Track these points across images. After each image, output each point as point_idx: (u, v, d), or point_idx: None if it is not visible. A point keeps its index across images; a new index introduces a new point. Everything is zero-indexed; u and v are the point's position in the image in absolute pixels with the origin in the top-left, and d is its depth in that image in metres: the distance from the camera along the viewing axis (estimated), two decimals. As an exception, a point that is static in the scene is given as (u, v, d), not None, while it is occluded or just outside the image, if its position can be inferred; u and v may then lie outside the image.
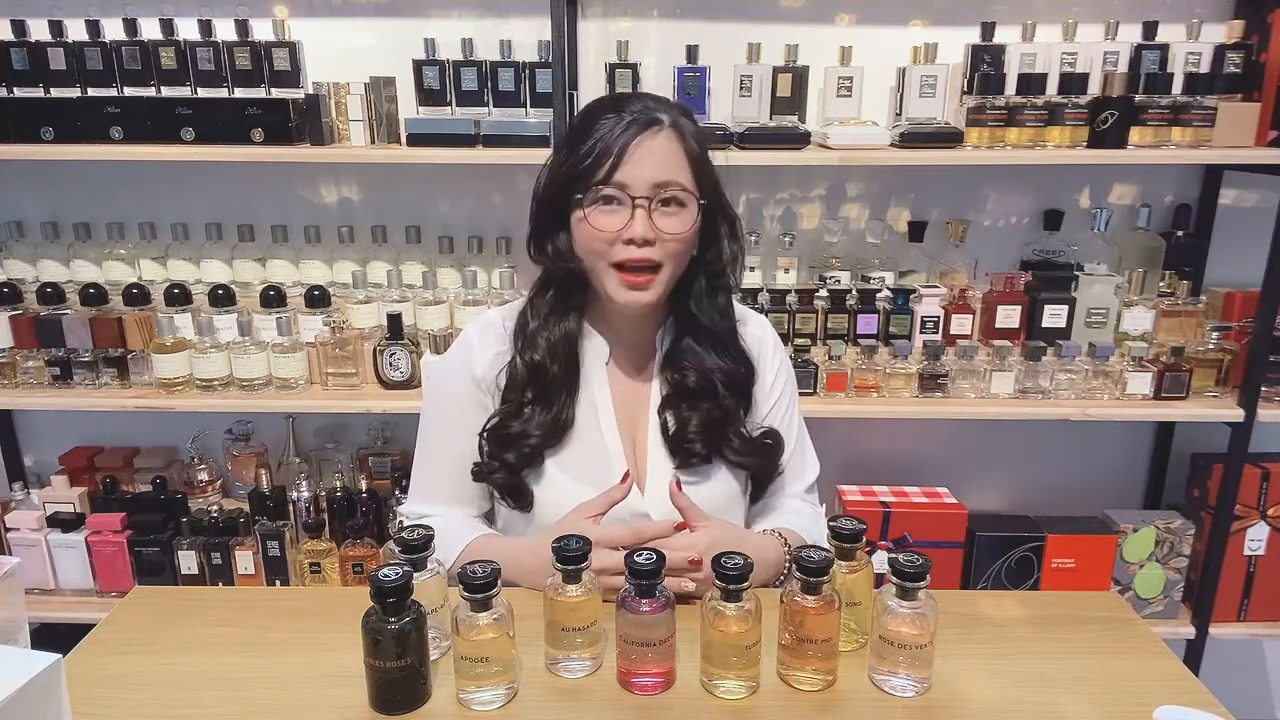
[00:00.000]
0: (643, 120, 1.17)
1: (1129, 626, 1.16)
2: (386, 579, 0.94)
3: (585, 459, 1.27)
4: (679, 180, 1.17)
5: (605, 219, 1.17)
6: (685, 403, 1.28)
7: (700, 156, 1.21)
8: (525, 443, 1.26)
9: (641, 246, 1.17)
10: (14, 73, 1.88)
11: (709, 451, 1.28)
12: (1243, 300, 2.00)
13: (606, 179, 1.16)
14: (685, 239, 1.19)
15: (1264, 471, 2.00)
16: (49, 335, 1.98)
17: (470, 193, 2.17)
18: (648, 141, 1.16)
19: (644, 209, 1.16)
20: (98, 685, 1.03)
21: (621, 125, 1.16)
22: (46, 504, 2.05)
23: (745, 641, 0.98)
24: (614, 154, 1.15)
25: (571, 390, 1.28)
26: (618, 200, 1.17)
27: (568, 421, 1.27)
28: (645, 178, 1.15)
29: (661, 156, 1.16)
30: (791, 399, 1.40)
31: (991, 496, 2.32)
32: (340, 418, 2.25)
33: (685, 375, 1.28)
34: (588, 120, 1.20)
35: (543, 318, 1.29)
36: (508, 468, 1.27)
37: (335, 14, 2.07)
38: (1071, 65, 1.88)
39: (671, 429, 1.28)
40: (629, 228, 1.16)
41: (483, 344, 1.32)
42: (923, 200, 2.15)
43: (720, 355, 1.30)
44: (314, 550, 1.97)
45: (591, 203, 1.18)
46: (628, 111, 1.17)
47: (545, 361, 1.26)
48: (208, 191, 2.15)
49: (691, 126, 1.22)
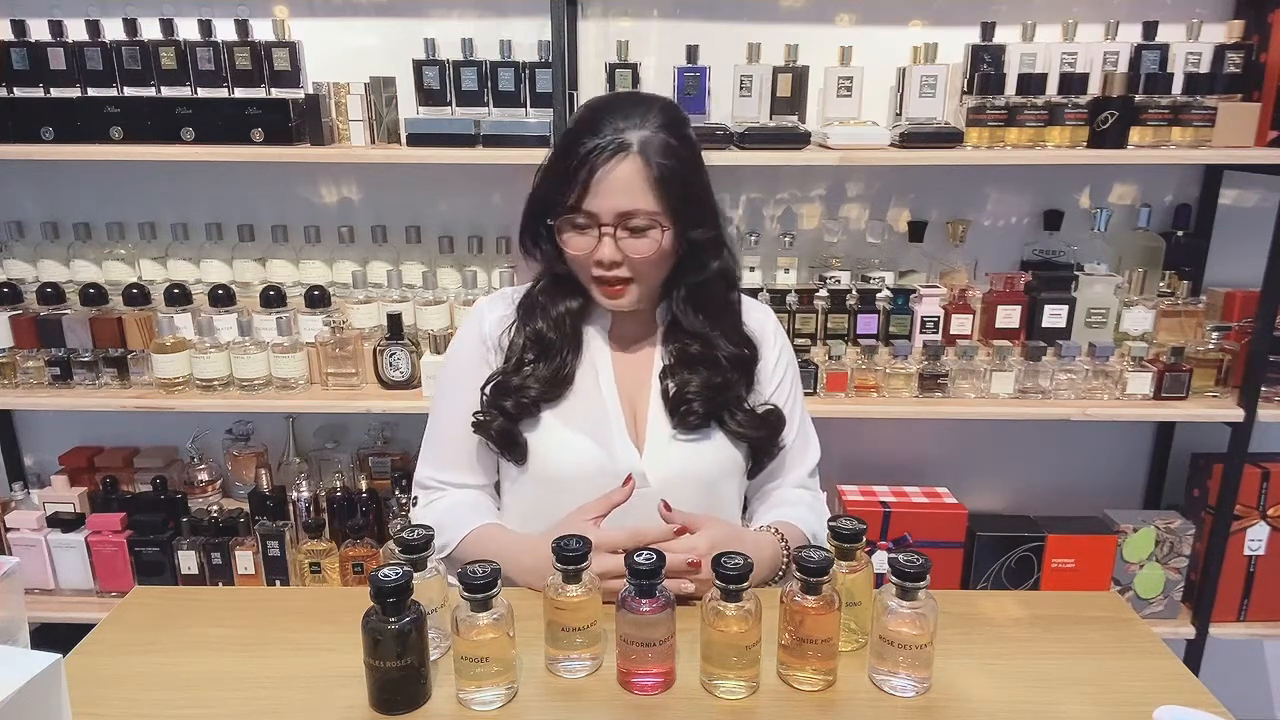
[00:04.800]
0: (611, 148, 1.18)
1: (1129, 626, 1.16)
2: (386, 579, 0.94)
3: (583, 412, 1.31)
4: (642, 208, 1.20)
5: (578, 241, 1.24)
6: (687, 369, 1.32)
7: (669, 176, 1.19)
8: (524, 394, 1.29)
9: (609, 268, 1.23)
10: (14, 73, 1.88)
11: (707, 413, 1.30)
12: (1243, 300, 1.99)
13: (576, 207, 1.21)
14: (652, 259, 1.23)
15: (1264, 471, 2.00)
16: (49, 335, 1.98)
17: (470, 193, 2.17)
18: (613, 171, 1.18)
19: (610, 235, 1.21)
20: (98, 685, 1.03)
21: (593, 152, 1.18)
22: (46, 504, 2.05)
23: (745, 641, 0.98)
24: (579, 184, 1.19)
25: (574, 351, 1.33)
26: (588, 226, 1.22)
27: (567, 377, 1.31)
28: (610, 206, 1.20)
29: (625, 186, 1.19)
30: (794, 382, 1.43)
31: (991, 496, 2.32)
32: (340, 418, 2.25)
33: (687, 346, 1.32)
34: (568, 143, 1.23)
35: (549, 295, 1.34)
36: (505, 415, 1.30)
37: (335, 14, 2.07)
38: (1071, 65, 1.88)
39: (672, 391, 1.31)
40: (597, 251, 1.22)
41: (491, 308, 1.39)
42: (923, 200, 2.15)
43: (722, 339, 1.33)
44: (314, 550, 1.97)
45: (565, 227, 1.24)
46: (600, 135, 1.19)
47: (546, 329, 1.32)
48: (208, 191, 2.15)
49: (664, 141, 1.20)
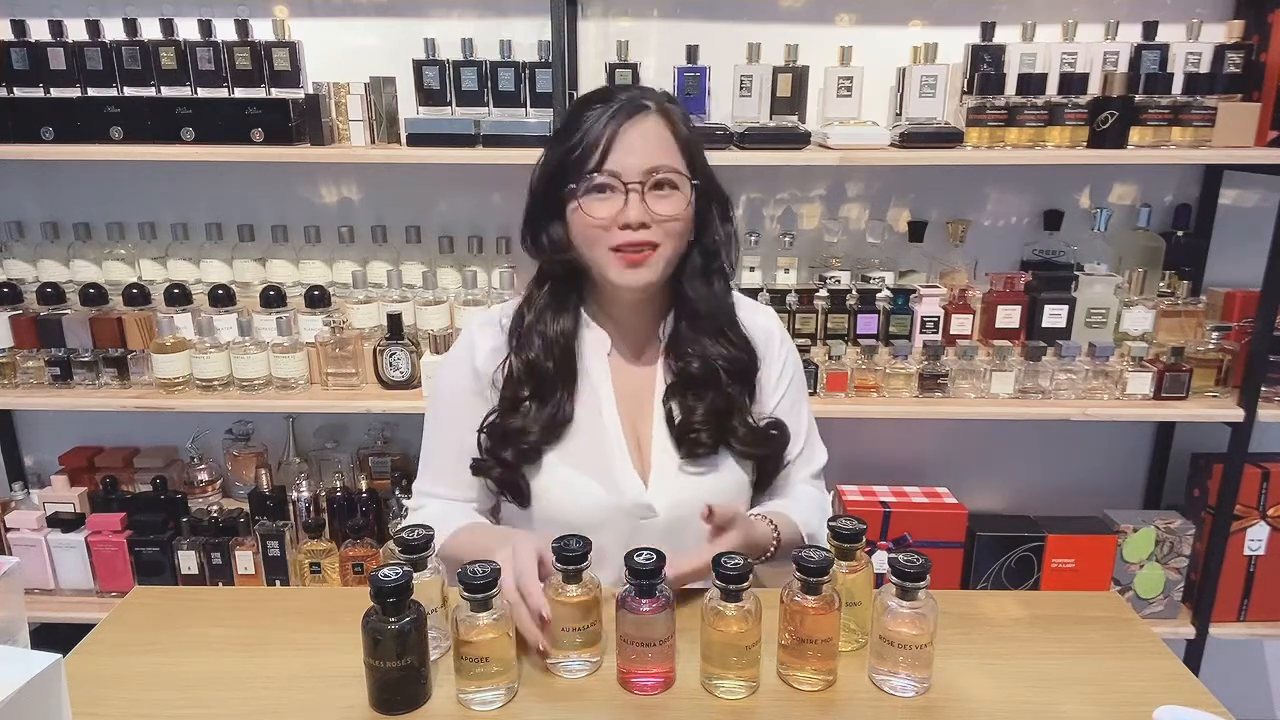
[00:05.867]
0: (630, 106, 1.17)
1: (1129, 626, 1.16)
2: (386, 579, 0.94)
3: (588, 451, 1.27)
4: (670, 163, 1.18)
5: (600, 206, 1.18)
6: (690, 391, 1.28)
7: (690, 139, 1.22)
8: (524, 439, 1.26)
9: (638, 230, 1.17)
10: (14, 73, 1.88)
11: (715, 442, 1.27)
12: (1243, 300, 1.99)
13: (598, 167, 1.16)
14: (681, 219, 1.20)
15: (1264, 471, 2.00)
16: (49, 335, 1.98)
17: (470, 193, 2.17)
18: (637, 127, 1.17)
19: (637, 194, 1.16)
20: (98, 685, 1.03)
21: (609, 113, 1.17)
22: (46, 504, 2.05)
23: (745, 641, 0.98)
24: (604, 141, 1.16)
25: (569, 386, 1.28)
26: (611, 188, 1.17)
27: (566, 417, 1.27)
28: (636, 164, 1.16)
29: (652, 141, 1.17)
30: (800, 392, 1.40)
31: (991, 496, 2.32)
32: (340, 418, 2.25)
33: (689, 363, 1.28)
34: (577, 112, 1.21)
35: (538, 313, 1.28)
36: (505, 465, 1.27)
37: (335, 14, 2.07)
38: (1071, 65, 1.88)
39: (677, 419, 1.28)
40: (624, 213, 1.16)
41: (484, 335, 1.32)
42: (923, 200, 2.15)
43: (722, 342, 1.29)
44: (314, 550, 1.97)
45: (585, 191, 1.18)
46: (615, 100, 1.18)
47: (540, 358, 1.26)
48: (208, 191, 2.15)
49: (679, 111, 1.23)
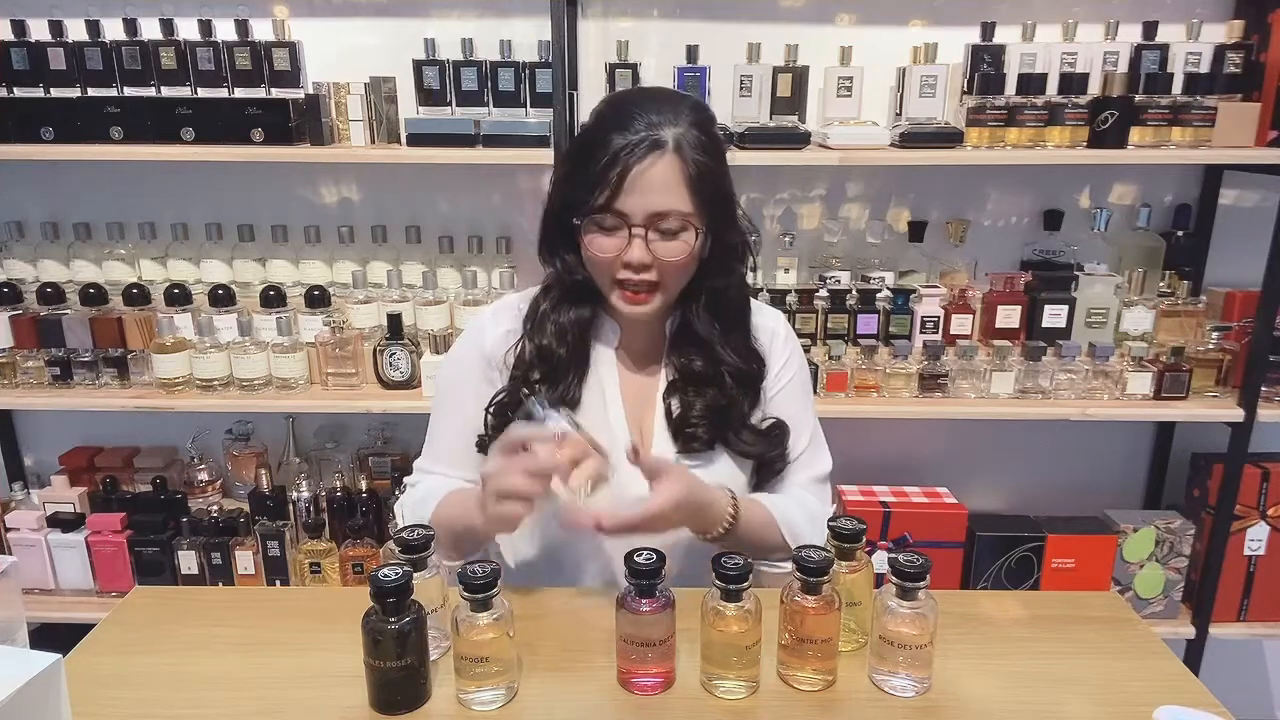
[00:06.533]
0: (645, 145, 1.14)
1: (1129, 626, 1.16)
2: (386, 579, 0.94)
3: None
4: (676, 209, 1.16)
5: (605, 242, 1.18)
6: (691, 388, 1.28)
7: (704, 175, 1.17)
8: None
9: (639, 271, 1.18)
10: (14, 73, 1.88)
11: (712, 438, 1.28)
12: (1243, 300, 1.99)
13: (605, 207, 1.16)
14: (682, 263, 1.19)
15: (1264, 471, 2.00)
16: (49, 335, 1.98)
17: (470, 193, 2.16)
18: (649, 170, 1.14)
19: (640, 238, 1.16)
20: (98, 685, 1.03)
21: (624, 149, 1.14)
22: (46, 504, 2.05)
23: (745, 641, 0.98)
24: (612, 183, 1.14)
25: (580, 371, 1.29)
26: (617, 227, 1.17)
27: (573, 400, 1.27)
28: (643, 207, 1.15)
29: (660, 185, 1.15)
30: (803, 391, 1.39)
31: (991, 496, 2.32)
32: (340, 418, 2.25)
33: (692, 361, 1.28)
34: (593, 137, 1.18)
35: (554, 303, 1.29)
36: None
37: (335, 14, 2.07)
38: (1071, 65, 1.88)
39: (676, 413, 1.28)
40: (627, 253, 1.17)
41: (496, 321, 1.33)
42: (923, 200, 2.15)
43: (729, 350, 1.29)
44: (314, 550, 1.97)
45: (592, 227, 1.18)
46: (633, 130, 1.15)
47: (552, 345, 1.27)
48: (208, 191, 2.15)
49: (698, 137, 1.17)
